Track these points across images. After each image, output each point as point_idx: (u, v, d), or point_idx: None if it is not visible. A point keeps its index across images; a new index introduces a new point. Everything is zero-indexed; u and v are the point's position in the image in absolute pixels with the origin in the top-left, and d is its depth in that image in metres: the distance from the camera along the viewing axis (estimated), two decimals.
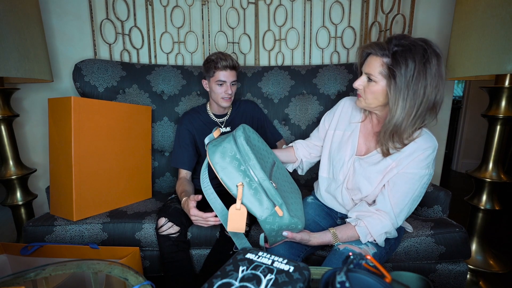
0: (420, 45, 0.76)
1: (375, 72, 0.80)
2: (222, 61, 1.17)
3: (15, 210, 1.44)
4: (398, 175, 0.85)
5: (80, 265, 0.75)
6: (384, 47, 0.79)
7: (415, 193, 0.85)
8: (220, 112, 1.33)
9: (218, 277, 0.48)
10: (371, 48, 0.81)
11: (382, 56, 0.79)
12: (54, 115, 1.12)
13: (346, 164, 0.95)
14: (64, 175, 1.11)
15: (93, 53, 1.64)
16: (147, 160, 1.40)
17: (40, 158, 1.72)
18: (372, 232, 0.85)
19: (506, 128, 1.24)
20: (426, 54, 0.75)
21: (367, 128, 0.96)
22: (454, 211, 2.15)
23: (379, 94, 0.83)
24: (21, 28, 1.24)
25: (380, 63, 0.79)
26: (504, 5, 1.04)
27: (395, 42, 0.78)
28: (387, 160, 0.87)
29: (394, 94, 0.78)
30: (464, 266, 1.07)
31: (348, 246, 0.85)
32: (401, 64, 0.75)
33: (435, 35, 1.64)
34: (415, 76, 0.75)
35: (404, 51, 0.76)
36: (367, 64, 0.83)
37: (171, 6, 1.66)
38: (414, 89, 0.76)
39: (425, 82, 0.75)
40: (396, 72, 0.76)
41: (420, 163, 0.83)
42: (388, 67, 0.78)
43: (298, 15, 1.69)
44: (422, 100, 0.77)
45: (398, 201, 0.85)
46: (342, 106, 1.03)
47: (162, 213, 1.09)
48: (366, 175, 0.90)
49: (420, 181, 0.84)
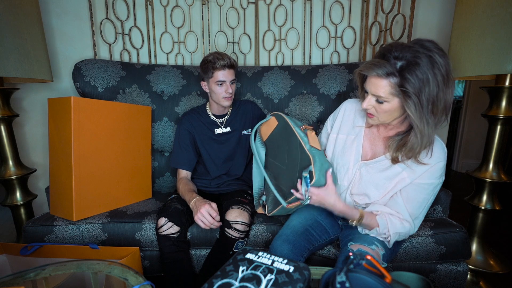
0: (423, 53, 0.71)
1: (385, 94, 0.76)
2: (220, 61, 1.16)
3: (14, 210, 1.44)
4: (412, 186, 0.86)
5: (80, 265, 0.75)
6: (386, 65, 0.73)
7: (429, 201, 0.87)
8: (220, 112, 1.33)
9: (218, 277, 0.48)
10: (371, 70, 0.75)
11: (388, 76, 0.74)
12: (54, 115, 1.12)
13: (351, 169, 0.94)
14: (64, 175, 1.11)
15: (93, 53, 1.64)
16: (147, 160, 1.40)
17: (39, 158, 1.72)
18: (390, 227, 0.85)
19: (507, 128, 1.24)
20: (432, 60, 0.71)
21: (372, 132, 0.94)
22: (454, 211, 2.15)
23: (394, 111, 0.80)
24: (21, 28, 1.24)
25: (387, 84, 0.74)
26: (504, 5, 1.04)
27: (395, 55, 0.73)
28: (396, 168, 0.87)
29: (415, 112, 0.74)
30: (464, 266, 1.07)
31: (361, 247, 0.85)
32: (413, 82, 0.71)
33: (435, 35, 1.63)
34: (430, 88, 0.71)
35: (411, 67, 0.71)
36: (371, 84, 0.78)
37: (171, 6, 1.66)
38: (430, 99, 0.73)
39: (437, 88, 0.72)
40: (409, 91, 0.72)
41: (435, 173, 0.84)
42: (399, 87, 0.73)
43: (298, 15, 1.69)
44: (439, 105, 0.75)
45: (414, 210, 0.86)
46: (344, 110, 1.01)
47: (162, 213, 1.09)
48: (374, 182, 0.90)
49: (434, 190, 0.86)
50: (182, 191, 1.18)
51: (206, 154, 1.30)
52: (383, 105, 0.79)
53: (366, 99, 0.82)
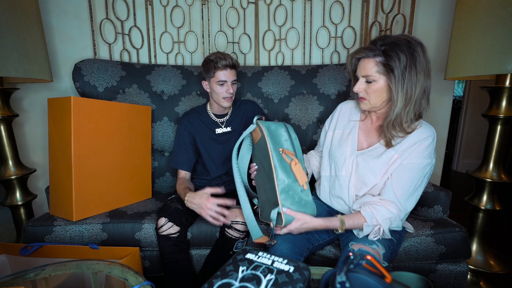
0: (403, 39, 0.83)
1: (373, 72, 0.86)
2: (222, 61, 1.17)
3: (14, 210, 1.43)
4: (401, 166, 0.88)
5: (79, 265, 0.75)
6: (372, 48, 0.85)
7: (418, 182, 0.88)
8: (220, 112, 1.33)
9: (218, 277, 0.47)
10: (361, 53, 0.88)
11: (374, 56, 0.85)
12: (54, 115, 1.12)
13: (348, 159, 0.97)
14: (63, 175, 1.11)
15: (92, 53, 1.64)
16: (147, 160, 1.40)
17: (39, 158, 1.72)
18: (377, 216, 0.86)
19: (507, 128, 1.23)
20: (411, 45, 0.82)
21: (366, 125, 1.00)
22: (454, 211, 2.15)
23: (382, 91, 0.87)
24: (21, 28, 1.24)
25: (374, 63, 0.85)
26: (504, 5, 1.04)
27: (380, 42, 0.85)
28: (390, 152, 0.90)
29: (395, 86, 0.83)
30: (464, 266, 1.07)
31: (361, 246, 0.85)
32: (394, 57, 0.82)
33: (435, 35, 1.63)
34: (408, 65, 0.81)
35: (393, 47, 0.82)
36: (361, 68, 0.89)
37: (171, 6, 1.66)
38: (409, 77, 0.82)
39: (416, 69, 0.82)
40: (392, 65, 0.82)
41: (422, 153, 0.86)
42: (383, 64, 0.84)
43: (298, 15, 1.69)
44: (417, 86, 0.83)
45: (403, 191, 0.87)
46: (339, 110, 1.08)
47: (162, 213, 1.09)
48: (370, 168, 0.92)
49: (423, 171, 0.87)
50: (179, 191, 1.19)
51: (206, 154, 1.30)
52: (372, 85, 0.87)
53: (357, 83, 0.91)
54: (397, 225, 0.89)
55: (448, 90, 1.69)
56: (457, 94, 4.87)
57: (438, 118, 1.71)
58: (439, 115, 1.71)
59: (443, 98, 1.70)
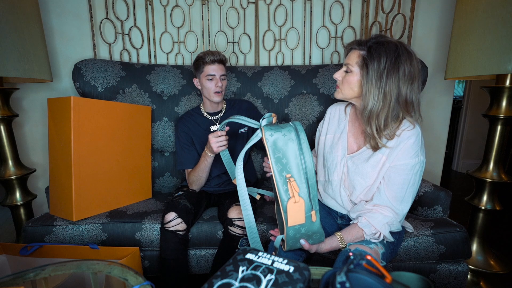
0: (394, 43, 0.83)
1: (353, 62, 0.88)
2: (210, 56, 1.21)
3: (14, 210, 1.43)
4: (390, 169, 0.88)
5: (79, 265, 0.75)
6: (362, 42, 0.87)
7: (410, 183, 0.87)
8: (214, 109, 1.34)
9: (218, 277, 0.47)
10: (353, 43, 0.90)
11: (360, 49, 0.87)
12: (54, 115, 1.12)
13: (339, 164, 0.97)
14: (63, 175, 1.11)
15: (92, 53, 1.64)
16: (147, 160, 1.40)
17: (39, 158, 1.72)
18: (375, 223, 0.86)
19: (507, 128, 1.23)
20: (398, 50, 0.82)
21: (355, 126, 0.99)
22: (454, 211, 2.15)
23: (354, 85, 0.88)
24: (21, 28, 1.24)
25: (357, 54, 0.87)
26: (504, 5, 1.04)
27: (373, 40, 0.86)
28: (377, 155, 0.89)
29: (366, 82, 0.84)
30: (464, 266, 1.07)
31: (359, 246, 0.85)
32: (375, 56, 0.82)
33: (435, 35, 1.63)
34: (387, 69, 0.81)
35: (379, 46, 0.83)
36: (347, 57, 0.91)
37: (171, 6, 1.66)
38: (387, 81, 0.82)
39: (397, 76, 0.81)
40: (369, 63, 0.83)
41: (407, 153, 0.85)
42: (363, 57, 0.85)
43: (298, 15, 1.69)
44: (395, 93, 0.82)
45: (396, 194, 0.87)
46: (329, 114, 1.09)
47: (171, 208, 1.09)
48: (359, 172, 0.92)
49: (413, 170, 0.86)
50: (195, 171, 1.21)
51: None
52: (348, 76, 0.89)
53: (339, 70, 0.93)
54: (397, 227, 0.89)
55: (448, 90, 1.69)
56: (457, 94, 4.87)
57: (438, 118, 1.71)
58: (439, 115, 1.71)
59: (443, 98, 1.70)
